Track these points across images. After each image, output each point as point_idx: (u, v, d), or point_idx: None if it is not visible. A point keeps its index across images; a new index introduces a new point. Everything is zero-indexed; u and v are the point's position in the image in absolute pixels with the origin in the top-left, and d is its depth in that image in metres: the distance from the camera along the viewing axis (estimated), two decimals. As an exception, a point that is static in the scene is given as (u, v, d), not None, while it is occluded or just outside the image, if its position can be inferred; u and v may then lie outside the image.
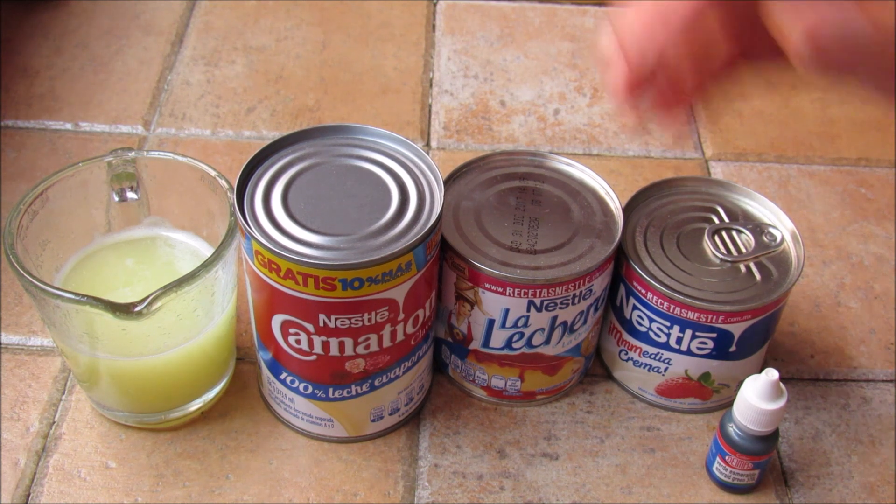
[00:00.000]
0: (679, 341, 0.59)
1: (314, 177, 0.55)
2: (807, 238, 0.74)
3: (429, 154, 0.70)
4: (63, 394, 0.62)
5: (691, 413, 0.63)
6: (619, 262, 0.60)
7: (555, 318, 0.57)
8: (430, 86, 0.85)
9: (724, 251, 0.59)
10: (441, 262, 0.58)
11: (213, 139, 0.79)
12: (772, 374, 0.53)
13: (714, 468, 0.58)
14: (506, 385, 0.61)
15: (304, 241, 0.51)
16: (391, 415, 0.60)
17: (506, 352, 0.59)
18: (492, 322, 0.58)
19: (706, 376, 0.61)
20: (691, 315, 0.57)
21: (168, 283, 0.51)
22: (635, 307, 0.59)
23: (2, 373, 0.62)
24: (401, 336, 0.55)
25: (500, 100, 0.84)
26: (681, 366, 0.60)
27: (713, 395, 0.62)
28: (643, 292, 0.58)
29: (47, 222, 0.57)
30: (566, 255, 0.57)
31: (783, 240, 0.60)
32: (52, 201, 0.57)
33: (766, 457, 0.56)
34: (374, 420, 0.59)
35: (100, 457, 0.59)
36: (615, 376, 0.64)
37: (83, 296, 0.51)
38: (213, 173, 0.58)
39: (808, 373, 0.66)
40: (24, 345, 0.64)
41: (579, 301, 0.57)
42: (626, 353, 0.62)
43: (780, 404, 0.54)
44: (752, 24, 0.42)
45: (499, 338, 0.58)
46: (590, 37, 0.91)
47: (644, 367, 0.61)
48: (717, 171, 0.79)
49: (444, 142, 0.80)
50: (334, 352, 0.54)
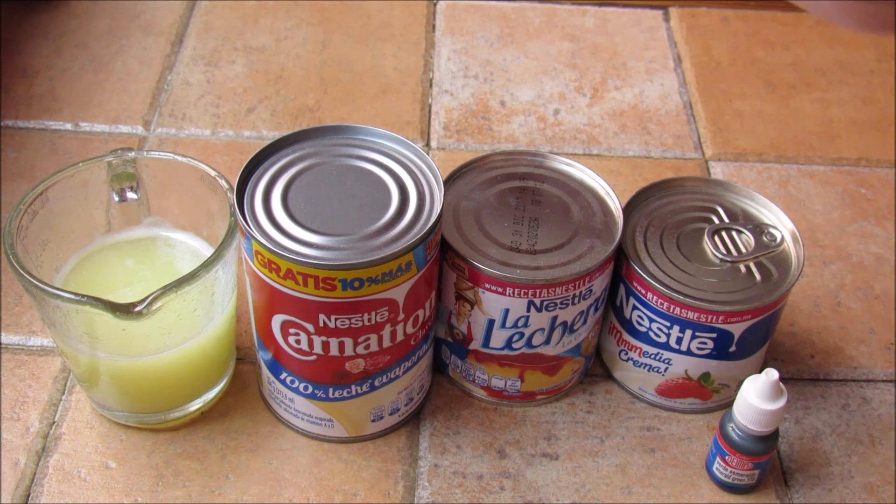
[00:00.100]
0: (679, 341, 0.59)
1: (314, 177, 0.55)
2: (807, 238, 0.74)
3: (429, 154, 0.70)
4: (63, 394, 0.62)
5: (691, 413, 0.63)
6: (619, 263, 0.59)
7: (555, 319, 0.57)
8: (430, 86, 0.85)
9: (724, 251, 0.59)
10: (441, 262, 0.58)
11: (213, 139, 0.79)
12: (772, 374, 0.53)
13: (714, 468, 0.58)
14: (506, 385, 0.61)
15: (304, 241, 0.51)
16: (391, 415, 0.60)
17: (506, 352, 0.59)
18: (492, 322, 0.58)
19: (706, 376, 0.61)
20: (691, 315, 0.57)
21: (168, 283, 0.51)
22: (635, 307, 0.59)
23: (2, 373, 0.62)
24: (401, 336, 0.55)
25: (500, 100, 0.84)
26: (681, 366, 0.60)
27: (713, 396, 0.62)
28: (643, 292, 0.58)
29: (47, 222, 0.57)
30: (566, 255, 0.57)
31: (783, 240, 0.60)
32: (52, 201, 0.57)
33: (766, 457, 0.56)
34: (374, 420, 0.59)
35: (100, 457, 0.59)
36: (615, 376, 0.64)
37: (83, 296, 0.51)
38: (213, 173, 0.58)
39: (808, 373, 0.66)
40: (24, 345, 0.64)
41: (579, 301, 0.57)
42: (626, 354, 0.62)
43: (780, 404, 0.54)
44: None
45: (499, 338, 0.58)
46: (590, 37, 0.91)
47: (644, 368, 0.61)
48: (717, 171, 0.79)
49: (444, 142, 0.80)
50: (334, 352, 0.54)
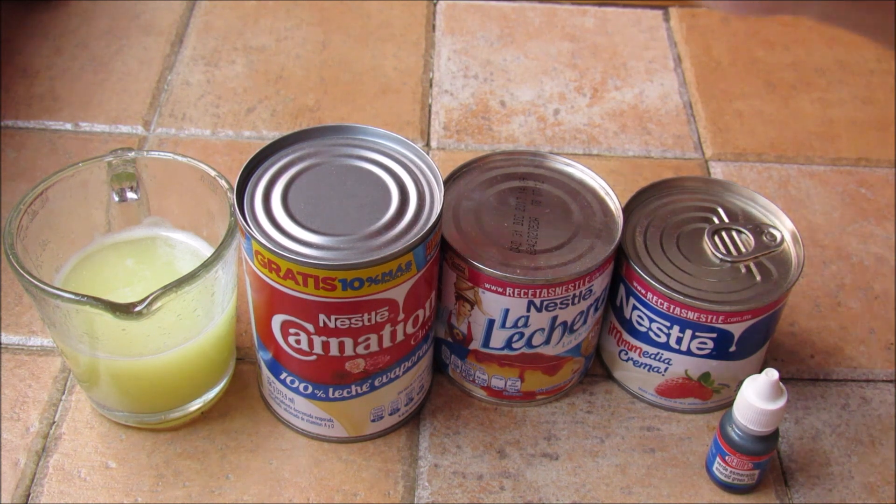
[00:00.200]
0: (679, 341, 0.59)
1: (314, 177, 0.55)
2: (807, 238, 0.74)
3: (429, 154, 0.70)
4: (63, 394, 0.62)
5: (691, 413, 0.63)
6: (619, 262, 0.59)
7: (555, 318, 0.57)
8: (430, 86, 0.85)
9: (724, 251, 0.59)
10: (441, 262, 0.58)
11: (213, 139, 0.79)
12: (772, 374, 0.53)
13: (714, 468, 0.58)
14: (506, 385, 0.61)
15: (304, 241, 0.51)
16: (391, 415, 0.60)
17: (506, 352, 0.59)
18: (492, 322, 0.58)
19: (706, 376, 0.61)
20: (691, 315, 0.57)
21: (168, 283, 0.51)
22: (635, 307, 0.59)
23: (2, 373, 0.62)
24: (401, 336, 0.55)
25: (500, 100, 0.84)
26: (681, 366, 0.60)
27: (713, 396, 0.62)
28: (643, 292, 0.58)
29: (47, 222, 0.57)
30: (566, 255, 0.57)
31: (783, 240, 0.60)
32: (52, 201, 0.57)
33: (766, 457, 0.56)
34: (374, 420, 0.59)
35: (100, 457, 0.59)
36: (615, 376, 0.64)
37: (83, 296, 0.51)
38: (213, 173, 0.58)
39: (808, 373, 0.66)
40: (24, 345, 0.64)
41: (579, 301, 0.57)
42: (626, 353, 0.62)
43: (780, 404, 0.54)
44: None
45: (499, 338, 0.58)
46: (590, 37, 0.91)
47: (644, 368, 0.61)
48: (717, 171, 0.79)
49: (444, 142, 0.80)
50: (334, 352, 0.54)
